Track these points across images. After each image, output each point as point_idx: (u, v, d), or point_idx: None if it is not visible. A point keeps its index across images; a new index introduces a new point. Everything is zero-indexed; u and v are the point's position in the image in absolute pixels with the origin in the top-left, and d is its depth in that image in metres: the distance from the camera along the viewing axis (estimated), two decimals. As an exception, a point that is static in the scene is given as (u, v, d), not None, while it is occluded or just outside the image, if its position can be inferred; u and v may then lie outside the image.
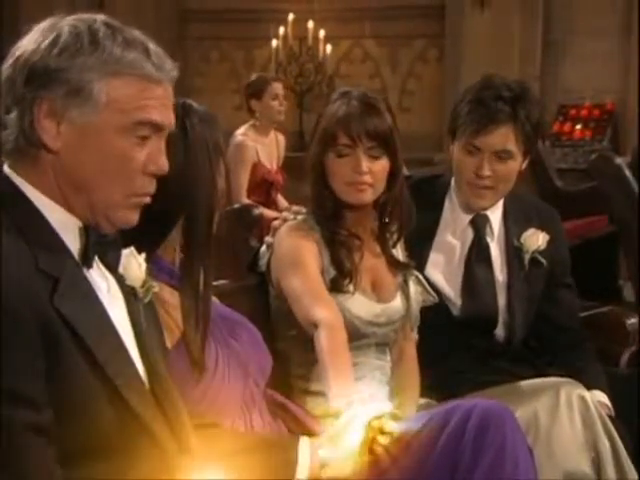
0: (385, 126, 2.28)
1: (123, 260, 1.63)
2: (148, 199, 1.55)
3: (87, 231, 1.50)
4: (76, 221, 1.50)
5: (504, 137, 2.54)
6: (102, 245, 1.54)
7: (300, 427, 2.04)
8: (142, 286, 1.65)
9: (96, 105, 1.46)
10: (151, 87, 1.49)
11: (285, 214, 2.39)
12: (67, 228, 1.49)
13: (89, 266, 1.50)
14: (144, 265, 1.66)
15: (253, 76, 6.02)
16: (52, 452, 1.37)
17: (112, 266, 1.58)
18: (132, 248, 1.66)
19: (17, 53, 1.48)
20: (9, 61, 1.49)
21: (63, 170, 1.48)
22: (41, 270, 1.41)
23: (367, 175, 2.26)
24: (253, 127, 5.77)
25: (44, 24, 1.51)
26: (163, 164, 1.53)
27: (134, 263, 1.65)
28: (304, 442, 1.75)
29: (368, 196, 2.30)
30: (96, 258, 1.53)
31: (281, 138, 5.96)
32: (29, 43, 1.48)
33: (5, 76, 1.48)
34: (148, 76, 1.48)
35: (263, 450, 1.76)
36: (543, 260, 2.66)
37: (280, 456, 1.73)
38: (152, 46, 1.51)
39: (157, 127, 1.51)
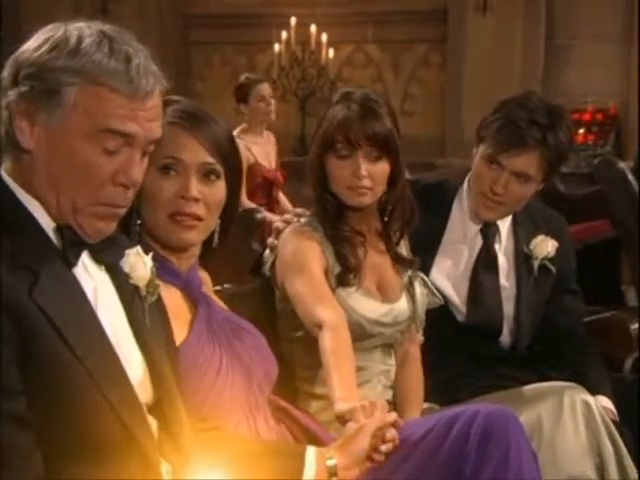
0: (385, 130, 2.27)
1: (130, 259, 1.62)
2: (121, 211, 1.54)
3: (62, 232, 1.50)
4: (50, 222, 1.51)
5: (528, 162, 2.52)
6: (92, 245, 1.54)
7: (303, 432, 2.04)
8: (147, 285, 1.65)
9: (65, 109, 1.47)
10: (124, 99, 1.48)
11: (288, 217, 2.39)
12: (49, 226, 1.51)
13: (70, 265, 1.50)
14: (150, 264, 1.65)
15: (241, 78, 6.02)
16: (29, 438, 1.37)
17: (107, 265, 1.58)
18: (138, 247, 1.65)
19: (16, 53, 1.51)
20: (9, 61, 1.51)
21: (36, 170, 1.49)
22: (21, 264, 1.42)
23: (366, 179, 2.26)
24: (246, 129, 5.78)
25: (46, 27, 1.52)
26: (134, 175, 1.51)
27: (140, 262, 1.64)
28: (311, 450, 1.75)
29: (368, 199, 2.30)
30: (84, 258, 1.53)
31: (272, 137, 5.97)
32: (27, 43, 1.51)
33: (3, 75, 1.51)
34: (122, 88, 1.48)
35: (269, 456, 1.75)
36: (552, 267, 2.65)
37: (287, 463, 1.73)
38: (138, 60, 1.49)
39: (129, 138, 1.49)
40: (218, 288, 2.22)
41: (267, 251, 2.36)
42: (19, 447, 1.36)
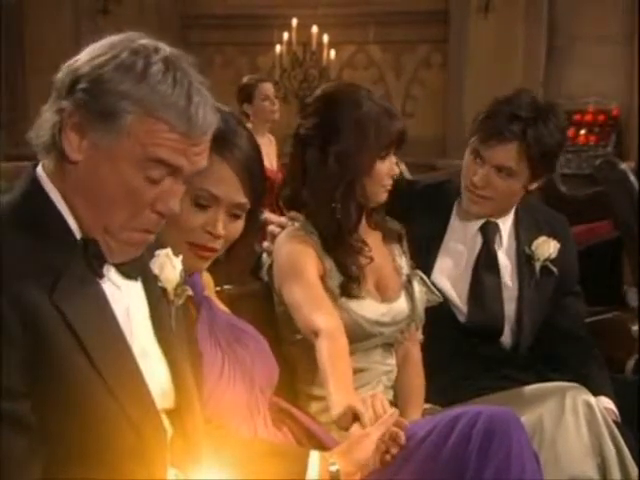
0: None
1: (160, 260, 1.63)
2: (151, 237, 1.53)
3: (87, 245, 1.49)
4: (78, 229, 1.50)
5: (506, 154, 2.53)
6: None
7: (305, 433, 2.04)
8: (175, 288, 1.65)
9: (118, 134, 1.45)
10: (178, 135, 1.47)
11: (282, 220, 2.39)
12: (77, 232, 1.50)
13: (95, 275, 1.50)
14: (179, 267, 1.66)
15: (244, 79, 6.03)
16: (26, 442, 1.36)
17: (131, 275, 1.56)
18: (169, 249, 1.65)
19: (76, 58, 1.49)
20: (68, 63, 1.50)
21: (76, 181, 1.49)
22: (44, 263, 1.42)
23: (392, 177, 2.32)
24: (249, 130, 5.77)
25: (109, 40, 1.50)
26: (172, 206, 1.51)
27: (169, 265, 1.64)
28: (314, 454, 1.75)
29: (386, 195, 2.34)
30: (108, 267, 1.52)
31: (272, 138, 5.97)
32: (90, 52, 1.49)
33: (57, 77, 1.49)
34: (179, 125, 1.46)
35: (272, 458, 1.76)
36: (554, 269, 2.65)
37: (289, 467, 1.73)
38: (199, 98, 1.48)
39: (174, 169, 1.49)
40: (219, 289, 2.22)
41: (264, 255, 2.36)
42: (16, 450, 1.35)
